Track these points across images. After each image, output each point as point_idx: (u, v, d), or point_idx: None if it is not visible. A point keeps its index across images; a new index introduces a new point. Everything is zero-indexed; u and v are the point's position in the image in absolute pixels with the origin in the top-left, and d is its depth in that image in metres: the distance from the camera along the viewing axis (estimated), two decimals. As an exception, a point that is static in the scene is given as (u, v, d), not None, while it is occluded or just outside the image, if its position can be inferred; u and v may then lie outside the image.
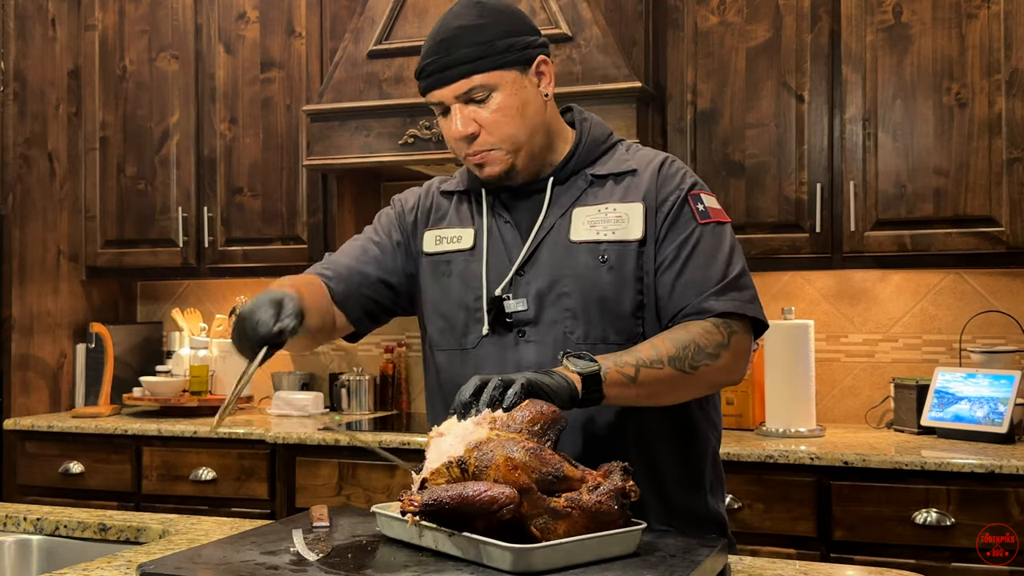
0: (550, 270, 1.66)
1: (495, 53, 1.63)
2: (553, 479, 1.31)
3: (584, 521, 1.30)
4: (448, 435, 1.38)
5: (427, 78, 1.67)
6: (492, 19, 1.65)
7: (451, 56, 1.63)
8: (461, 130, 1.64)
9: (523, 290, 1.66)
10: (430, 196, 1.84)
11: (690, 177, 1.71)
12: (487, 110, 1.64)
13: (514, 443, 1.32)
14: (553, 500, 1.30)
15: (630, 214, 1.66)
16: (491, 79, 1.63)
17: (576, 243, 1.66)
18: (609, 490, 1.32)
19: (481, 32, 1.63)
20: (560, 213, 1.69)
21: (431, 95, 1.67)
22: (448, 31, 1.64)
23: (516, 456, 1.30)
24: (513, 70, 1.64)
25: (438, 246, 1.76)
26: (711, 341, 1.57)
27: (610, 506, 1.31)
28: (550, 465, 1.31)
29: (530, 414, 1.37)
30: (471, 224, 1.75)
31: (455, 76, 1.63)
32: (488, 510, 1.26)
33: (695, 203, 1.67)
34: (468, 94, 1.63)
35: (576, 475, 1.33)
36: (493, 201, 1.74)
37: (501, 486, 1.27)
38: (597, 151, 1.74)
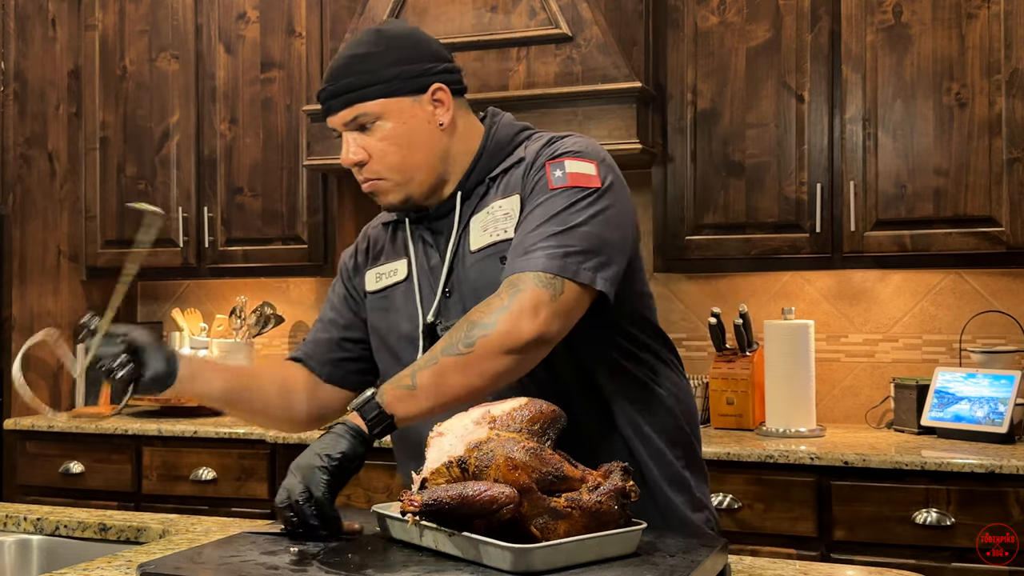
0: (469, 286, 1.62)
1: (380, 81, 1.60)
2: (553, 479, 1.31)
3: (584, 521, 1.30)
4: (448, 435, 1.38)
5: (322, 104, 1.65)
6: (386, 47, 1.62)
7: (339, 84, 1.61)
8: (349, 157, 1.63)
9: (453, 311, 1.62)
10: (366, 237, 1.84)
11: (561, 148, 1.60)
12: (374, 138, 1.62)
13: (514, 443, 1.32)
14: (553, 500, 1.30)
15: (514, 208, 1.60)
16: (376, 108, 1.60)
17: (477, 252, 1.62)
18: (609, 490, 1.32)
19: (370, 60, 1.61)
20: (463, 227, 1.65)
21: (328, 120, 1.65)
22: (341, 59, 1.63)
23: (516, 456, 1.29)
24: (404, 98, 1.61)
25: (378, 283, 1.75)
26: (489, 310, 1.46)
27: (610, 506, 1.31)
28: (550, 465, 1.31)
29: (530, 413, 1.37)
30: (404, 254, 1.72)
31: (340, 105, 1.61)
32: (488, 510, 1.26)
33: (553, 170, 1.57)
34: (355, 122, 1.61)
35: (576, 475, 1.33)
36: (416, 228, 1.71)
37: (501, 486, 1.27)
38: (502, 154, 1.68)
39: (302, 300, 4.18)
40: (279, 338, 4.18)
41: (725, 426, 3.26)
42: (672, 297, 3.66)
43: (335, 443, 1.44)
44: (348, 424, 1.46)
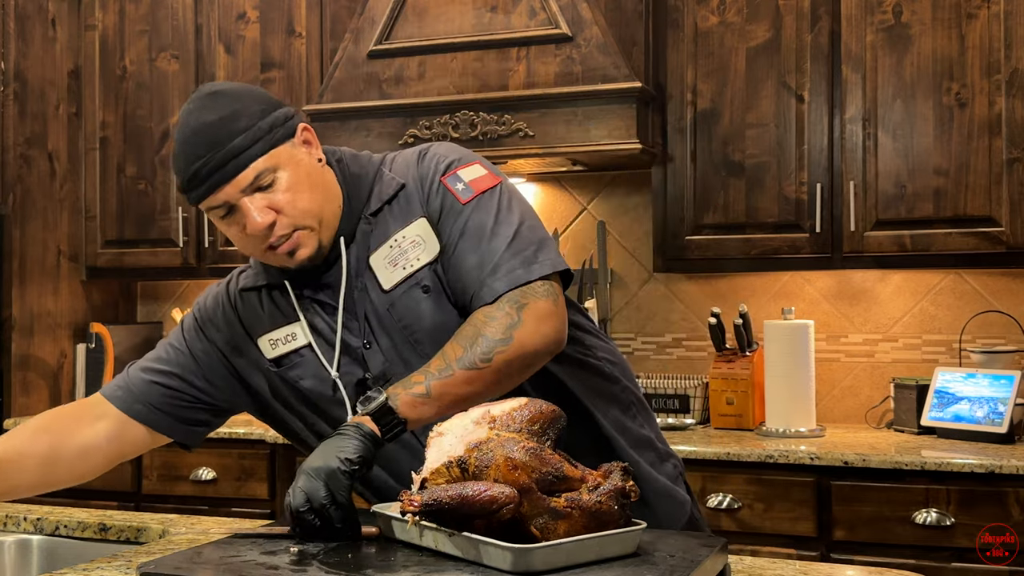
0: (388, 330, 1.57)
1: (264, 134, 1.51)
2: (553, 479, 1.31)
3: (584, 521, 1.30)
4: (448, 435, 1.38)
5: (202, 183, 1.50)
6: (241, 104, 1.53)
7: (223, 151, 1.49)
8: (260, 221, 1.50)
9: (376, 361, 1.57)
10: (234, 299, 1.71)
11: (442, 161, 1.60)
12: (278, 192, 1.52)
13: (514, 443, 1.32)
14: (553, 500, 1.30)
15: (420, 233, 1.56)
16: (271, 161, 1.51)
17: (392, 290, 1.56)
18: (609, 490, 1.32)
19: (239, 119, 1.51)
20: (362, 271, 1.58)
21: (211, 199, 1.52)
22: (204, 129, 1.50)
23: (516, 456, 1.29)
24: (284, 145, 1.53)
25: (275, 350, 1.65)
26: (500, 326, 1.47)
27: (610, 506, 1.31)
28: (550, 465, 1.31)
29: (530, 413, 1.37)
30: (296, 317, 1.62)
31: (236, 169, 1.49)
32: (488, 510, 1.26)
33: (453, 184, 1.56)
34: (254, 183, 1.50)
35: (576, 475, 1.33)
36: (299, 293, 1.62)
37: (501, 486, 1.27)
38: (364, 189, 1.61)
39: (302, 300, 4.17)
40: (279, 338, 4.18)
41: (725, 426, 3.26)
42: (672, 297, 3.66)
43: (352, 447, 1.38)
44: (362, 428, 1.41)
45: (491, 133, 3.26)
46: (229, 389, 1.72)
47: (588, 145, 3.16)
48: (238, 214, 1.53)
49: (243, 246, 1.58)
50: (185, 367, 1.74)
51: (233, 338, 1.70)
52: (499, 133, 3.26)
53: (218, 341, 1.72)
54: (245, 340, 1.69)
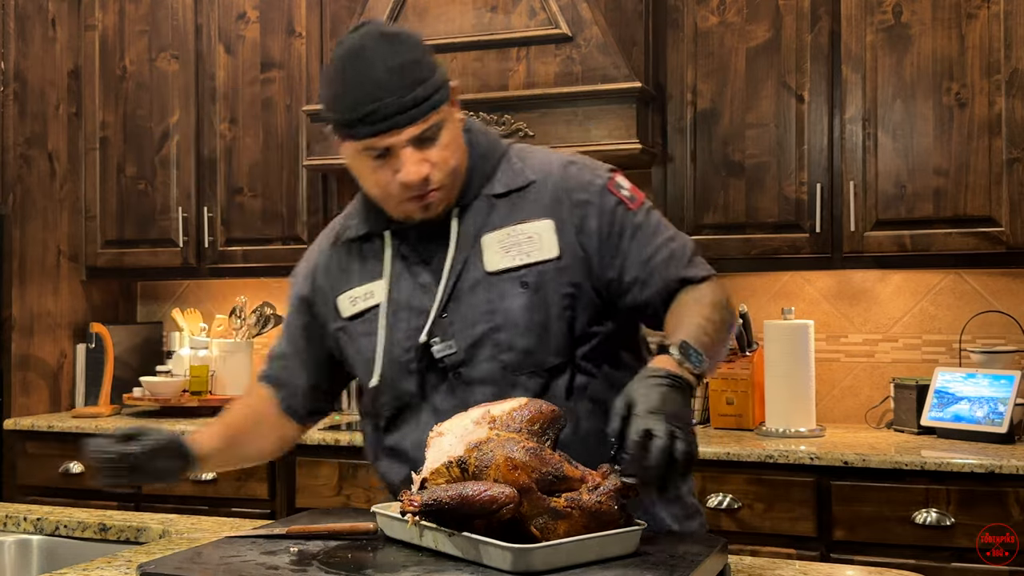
0: (473, 306, 1.59)
1: (440, 88, 1.55)
2: (553, 479, 1.31)
3: (584, 521, 1.30)
4: (448, 435, 1.38)
5: (377, 122, 1.52)
6: (421, 53, 1.56)
7: (405, 98, 1.51)
8: (419, 172, 1.54)
9: (449, 332, 1.59)
10: (321, 265, 1.75)
11: (598, 170, 1.66)
12: (437, 149, 1.55)
13: (514, 443, 1.32)
14: (553, 500, 1.30)
15: (540, 233, 1.60)
16: (439, 116, 1.55)
17: (493, 274, 1.59)
18: (609, 490, 1.32)
19: (423, 67, 1.54)
20: (470, 244, 1.61)
21: (375, 140, 1.53)
22: (390, 72, 1.52)
23: (516, 456, 1.30)
24: (447, 102, 1.58)
25: (353, 307, 1.69)
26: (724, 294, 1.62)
27: (610, 506, 1.31)
28: (550, 465, 1.31)
29: (530, 413, 1.37)
30: (379, 275, 1.66)
31: (415, 117, 1.52)
32: (488, 510, 1.26)
33: (618, 191, 1.64)
34: (422, 135, 1.54)
35: (576, 475, 1.33)
36: (397, 243, 1.66)
37: (501, 486, 1.27)
38: (489, 166, 1.66)
39: (302, 300, 4.17)
40: (279, 338, 4.17)
41: (725, 426, 3.26)
42: (672, 297, 3.66)
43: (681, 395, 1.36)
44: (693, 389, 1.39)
45: (491, 133, 3.26)
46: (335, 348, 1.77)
47: (588, 145, 3.16)
48: (394, 160, 1.55)
49: (380, 189, 1.59)
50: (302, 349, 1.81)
51: (318, 298, 1.76)
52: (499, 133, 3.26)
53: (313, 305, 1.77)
54: (324, 299, 1.74)
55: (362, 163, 1.58)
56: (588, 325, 1.61)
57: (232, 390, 3.91)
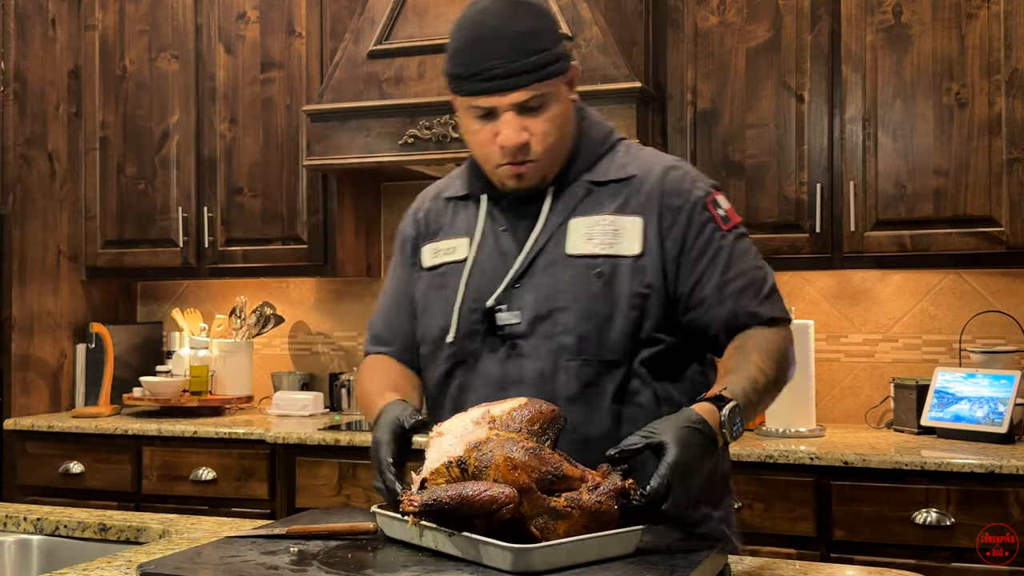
0: (545, 283, 1.61)
1: (555, 61, 1.58)
2: (553, 478, 1.31)
3: (584, 521, 1.30)
4: (448, 434, 1.38)
5: (485, 81, 1.56)
6: (546, 24, 1.60)
7: (517, 63, 1.54)
8: (515, 138, 1.57)
9: (517, 302, 1.62)
10: (424, 210, 1.82)
11: (701, 182, 1.68)
12: (540, 120, 1.58)
13: (513, 443, 1.32)
14: (553, 500, 1.30)
15: (628, 227, 1.62)
16: (549, 88, 1.58)
17: (572, 256, 1.62)
18: (609, 490, 1.32)
19: (543, 38, 1.57)
20: (557, 223, 1.64)
21: (481, 100, 1.58)
22: (509, 35, 1.55)
23: (516, 456, 1.30)
24: (560, 78, 1.60)
25: (435, 259, 1.73)
26: (788, 346, 1.62)
27: (610, 506, 1.31)
28: (550, 464, 1.31)
29: (530, 413, 1.37)
30: (466, 233, 1.71)
31: (521, 84, 1.55)
32: (488, 510, 1.26)
33: (715, 209, 1.65)
34: (527, 103, 1.57)
35: (576, 474, 1.33)
36: (491, 208, 1.70)
37: (501, 486, 1.27)
38: (595, 154, 1.69)
39: (302, 300, 4.18)
40: (279, 338, 4.18)
41: (725, 426, 3.26)
42: (672, 297, 3.66)
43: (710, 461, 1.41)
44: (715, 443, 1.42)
45: (491, 133, 3.26)
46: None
47: (588, 145, 3.15)
48: (496, 123, 1.58)
49: (482, 149, 1.63)
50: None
51: (415, 247, 1.79)
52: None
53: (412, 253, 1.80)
54: (417, 248, 1.78)
55: (468, 120, 1.62)
56: (654, 330, 1.61)
57: (232, 390, 3.92)
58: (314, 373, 4.11)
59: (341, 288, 4.11)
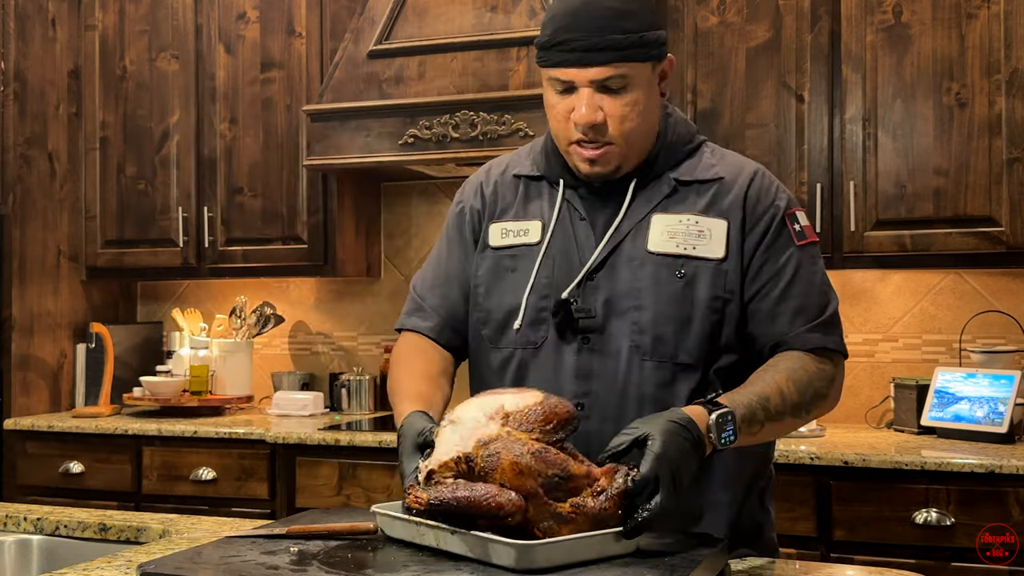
0: (623, 279, 1.58)
1: (643, 45, 1.54)
2: (559, 479, 1.31)
3: (588, 526, 1.30)
4: (459, 424, 1.37)
5: (565, 53, 1.53)
6: (640, 6, 1.55)
7: (601, 38, 1.51)
8: (589, 115, 1.53)
9: (592, 295, 1.58)
10: (491, 184, 1.74)
11: (784, 193, 1.65)
12: (619, 101, 1.54)
13: (521, 444, 1.31)
14: (559, 506, 1.30)
15: (712, 230, 1.59)
16: (632, 71, 1.54)
17: (653, 254, 1.58)
18: (613, 495, 1.31)
19: (633, 19, 1.53)
20: (639, 218, 1.61)
21: (561, 72, 1.55)
22: (599, 10, 1.52)
23: (523, 461, 1.29)
24: (647, 64, 1.56)
25: (504, 239, 1.68)
26: (824, 379, 1.56)
27: (615, 511, 1.31)
28: (555, 466, 1.31)
29: (544, 412, 1.36)
30: (539, 216, 1.66)
31: (601, 60, 1.52)
32: (495, 515, 1.27)
33: (792, 223, 1.62)
34: (606, 81, 1.53)
35: (581, 471, 1.33)
36: (571, 195, 1.65)
37: (508, 493, 1.27)
38: (681, 152, 1.65)
39: (302, 300, 4.18)
40: (279, 338, 4.18)
41: (725, 426, 3.26)
42: (672, 297, 3.65)
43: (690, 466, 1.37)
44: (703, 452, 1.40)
45: (491, 133, 3.26)
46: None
47: (588, 145, 3.15)
48: (574, 97, 1.55)
49: (557, 124, 1.60)
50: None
51: (478, 220, 1.74)
52: (499, 133, 3.26)
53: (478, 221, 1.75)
54: (481, 223, 1.72)
55: (549, 93, 1.59)
56: (734, 336, 1.59)
57: (232, 390, 3.92)
58: (314, 373, 4.11)
59: (341, 288, 4.11)
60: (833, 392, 1.59)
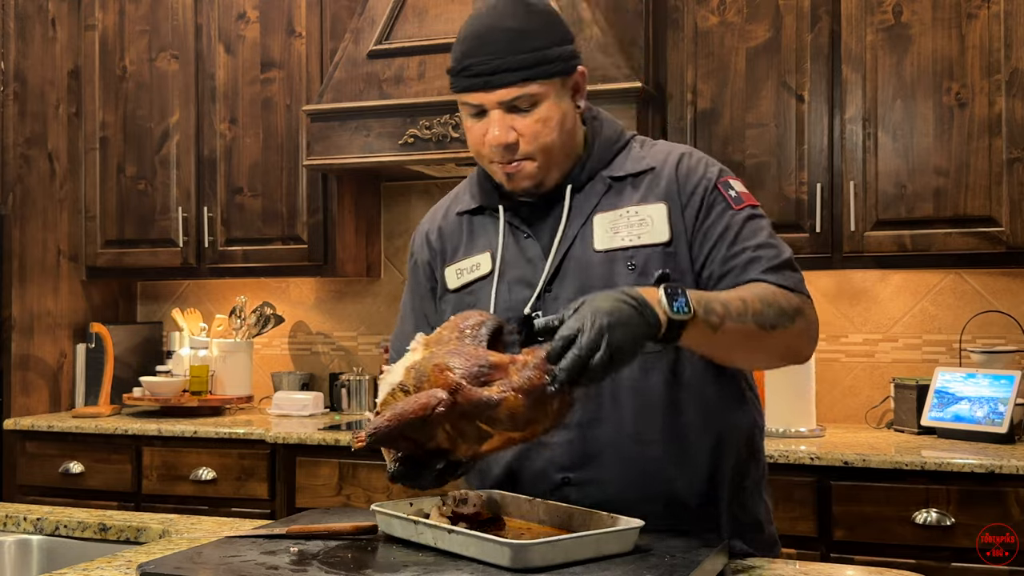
0: (578, 283, 1.59)
1: (547, 62, 1.55)
2: (482, 369, 1.32)
3: (524, 400, 1.30)
4: (393, 370, 1.41)
5: (470, 78, 1.56)
6: (543, 24, 1.58)
7: (503, 60, 1.54)
8: (501, 137, 1.56)
9: (552, 306, 1.60)
10: (436, 231, 1.77)
11: (713, 165, 1.67)
12: (529, 119, 1.57)
13: (442, 350, 1.35)
14: (486, 390, 1.31)
15: (653, 216, 1.61)
16: (540, 88, 1.56)
17: (601, 252, 1.60)
18: (536, 364, 1.32)
19: (535, 38, 1.55)
20: (581, 222, 1.63)
21: (469, 96, 1.58)
22: (499, 32, 1.55)
23: (442, 361, 1.33)
24: (556, 80, 1.58)
25: (459, 279, 1.70)
26: (789, 304, 1.53)
27: (541, 378, 1.30)
28: (476, 357, 1.33)
29: (453, 324, 1.41)
30: (487, 248, 1.68)
31: (505, 82, 1.54)
32: (425, 415, 1.29)
33: (726, 190, 1.63)
34: (513, 102, 1.56)
35: (505, 360, 1.35)
36: (511, 216, 1.68)
37: (430, 391, 1.30)
38: (611, 151, 1.68)
39: (302, 300, 4.18)
40: (279, 338, 4.18)
41: (725, 426, 3.26)
42: (672, 297, 3.65)
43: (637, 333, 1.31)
44: (655, 324, 1.33)
45: (491, 133, 3.26)
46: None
47: (588, 145, 3.15)
48: (486, 121, 1.58)
49: (475, 147, 1.63)
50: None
51: (430, 269, 1.77)
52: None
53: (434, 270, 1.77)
54: (436, 270, 1.76)
55: (465, 117, 1.62)
56: None
57: (232, 390, 3.92)
58: (314, 373, 4.11)
59: (341, 288, 4.11)
60: (801, 323, 1.54)
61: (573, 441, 1.58)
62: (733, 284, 1.56)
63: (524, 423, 1.31)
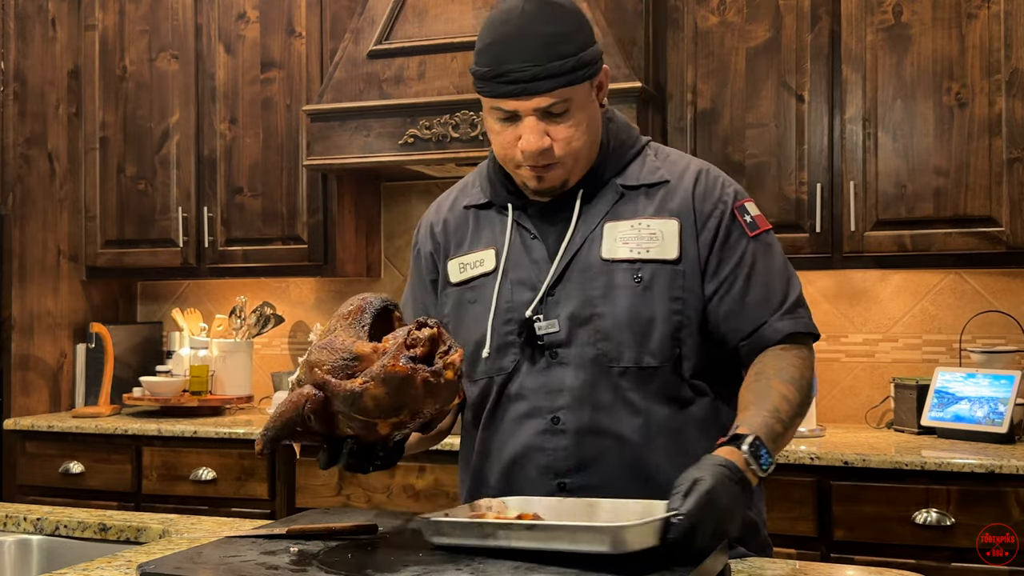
0: (582, 290, 1.59)
1: (582, 67, 1.54)
2: (348, 362, 1.33)
3: (385, 388, 1.30)
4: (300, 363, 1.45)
5: (508, 84, 1.53)
6: (574, 27, 1.55)
7: (542, 67, 1.51)
8: (536, 143, 1.53)
9: (554, 311, 1.59)
10: (441, 222, 1.76)
11: (729, 186, 1.66)
12: (563, 125, 1.55)
13: (320, 343, 1.37)
14: (349, 383, 1.31)
15: (664, 231, 1.59)
16: (573, 93, 1.54)
17: (608, 261, 1.59)
18: (393, 352, 1.32)
19: (571, 42, 1.53)
20: (590, 229, 1.61)
21: (503, 102, 1.55)
22: (534, 38, 1.51)
23: (311, 357, 1.35)
24: (587, 83, 1.57)
25: (462, 274, 1.69)
26: (807, 367, 1.59)
27: (398, 364, 1.30)
28: (340, 351, 1.34)
29: (337, 316, 1.42)
30: (492, 244, 1.67)
31: (543, 89, 1.52)
32: (300, 414, 1.32)
33: (742, 215, 1.63)
34: (549, 108, 1.53)
35: (368, 349, 1.35)
36: (519, 216, 1.66)
37: (301, 389, 1.33)
38: (625, 157, 1.66)
39: (302, 300, 4.18)
40: (279, 338, 4.18)
41: (725, 426, 3.26)
42: (672, 297, 3.65)
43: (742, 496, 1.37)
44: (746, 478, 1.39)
45: (491, 133, 3.26)
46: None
47: (588, 145, 3.15)
48: (519, 126, 1.55)
49: (503, 151, 1.60)
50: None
51: (433, 260, 1.76)
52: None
53: (438, 261, 1.76)
54: (440, 261, 1.75)
55: (491, 121, 1.59)
56: (699, 335, 1.60)
57: (232, 390, 3.92)
58: (314, 373, 4.10)
59: (341, 288, 4.11)
60: (810, 374, 1.62)
61: (569, 447, 1.58)
62: (752, 326, 1.59)
63: (393, 409, 1.31)
